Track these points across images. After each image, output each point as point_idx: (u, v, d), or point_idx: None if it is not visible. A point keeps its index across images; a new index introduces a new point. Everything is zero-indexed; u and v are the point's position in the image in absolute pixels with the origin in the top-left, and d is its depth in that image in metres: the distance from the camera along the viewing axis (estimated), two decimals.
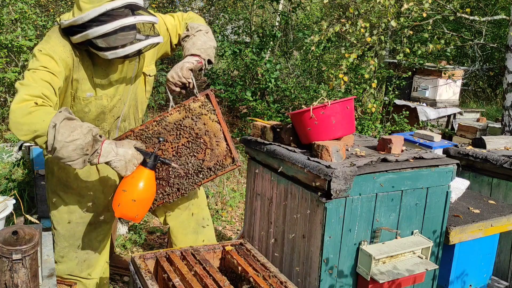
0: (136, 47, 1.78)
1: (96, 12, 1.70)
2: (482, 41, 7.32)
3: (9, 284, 1.40)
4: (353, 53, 5.22)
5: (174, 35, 2.17)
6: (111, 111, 2.01)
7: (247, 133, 6.50)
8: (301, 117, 2.06)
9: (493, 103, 10.51)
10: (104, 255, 2.24)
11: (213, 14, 9.39)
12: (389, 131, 5.98)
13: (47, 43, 1.81)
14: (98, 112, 1.97)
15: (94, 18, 1.71)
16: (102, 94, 1.95)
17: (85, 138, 1.64)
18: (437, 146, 3.69)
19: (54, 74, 1.75)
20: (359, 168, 1.87)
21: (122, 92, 2.01)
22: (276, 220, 2.20)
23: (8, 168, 4.18)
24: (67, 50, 1.82)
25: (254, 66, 6.42)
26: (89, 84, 1.91)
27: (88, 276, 2.18)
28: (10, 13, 5.82)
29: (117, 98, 2.00)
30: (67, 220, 2.10)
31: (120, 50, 1.75)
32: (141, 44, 1.79)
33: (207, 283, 1.65)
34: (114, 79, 1.96)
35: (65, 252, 2.13)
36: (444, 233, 2.20)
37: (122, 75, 1.97)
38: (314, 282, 1.94)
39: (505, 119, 5.20)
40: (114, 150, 1.73)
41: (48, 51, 1.77)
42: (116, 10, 1.72)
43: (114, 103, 2.00)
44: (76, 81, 1.88)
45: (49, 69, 1.74)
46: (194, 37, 2.07)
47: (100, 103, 1.95)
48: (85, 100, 1.92)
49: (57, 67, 1.77)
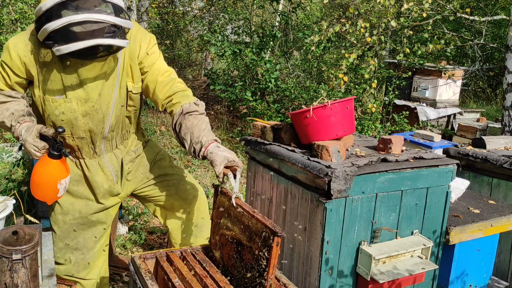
0: (83, 44, 1.60)
1: (52, 2, 1.59)
2: (482, 41, 7.32)
3: (9, 284, 1.40)
4: (353, 53, 5.22)
5: (152, 75, 2.00)
6: (84, 116, 1.92)
7: (247, 133, 6.50)
8: (301, 117, 2.06)
9: (493, 103, 10.51)
10: (102, 255, 2.23)
11: (213, 14, 9.39)
12: (389, 131, 5.98)
13: (16, 38, 1.84)
14: (69, 117, 1.91)
15: (50, 8, 1.60)
16: (72, 97, 1.87)
17: (7, 120, 1.85)
18: (437, 146, 3.69)
19: (8, 67, 1.85)
20: (359, 168, 1.87)
21: (97, 99, 1.90)
22: (276, 220, 2.20)
23: (8, 168, 4.18)
24: (27, 49, 1.81)
25: (254, 66, 6.42)
26: (58, 85, 1.85)
27: (86, 276, 2.17)
28: (10, 13, 5.82)
29: (90, 105, 1.90)
30: (62, 221, 2.11)
31: (65, 46, 1.60)
32: (89, 42, 1.60)
33: (207, 283, 1.65)
34: (86, 83, 1.86)
35: (62, 253, 2.13)
36: (444, 233, 2.20)
37: (97, 80, 1.87)
38: (314, 282, 1.94)
39: (505, 119, 5.20)
40: (22, 134, 1.81)
41: (12, 46, 1.82)
42: (74, 4, 1.59)
43: (86, 109, 1.91)
44: (43, 82, 1.84)
45: (6, 62, 1.85)
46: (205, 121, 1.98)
47: (70, 106, 1.88)
48: (54, 102, 1.87)
49: (11, 61, 1.83)
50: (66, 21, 1.58)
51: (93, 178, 2.09)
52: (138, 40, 1.96)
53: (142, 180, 2.23)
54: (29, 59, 1.81)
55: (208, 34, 6.63)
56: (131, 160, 2.18)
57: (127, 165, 2.16)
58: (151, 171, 2.24)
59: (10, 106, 1.87)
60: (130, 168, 2.18)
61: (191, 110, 1.97)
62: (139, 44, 1.97)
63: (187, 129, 1.92)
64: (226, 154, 1.83)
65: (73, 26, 1.59)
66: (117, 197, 2.18)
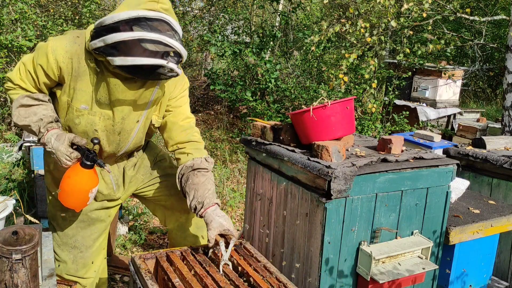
0: (148, 61, 1.63)
1: (128, 15, 1.62)
2: (482, 41, 7.32)
3: (9, 284, 1.40)
4: (353, 53, 5.22)
5: (174, 116, 2.06)
6: (102, 132, 1.93)
7: (247, 133, 6.50)
8: (301, 117, 2.06)
9: (493, 103, 10.51)
10: (100, 254, 2.23)
11: (213, 14, 9.39)
12: (389, 131, 5.98)
13: (58, 41, 1.81)
14: (87, 129, 1.91)
15: (123, 20, 1.63)
16: (97, 111, 1.87)
17: (34, 125, 1.84)
18: (437, 146, 3.69)
19: (42, 69, 1.83)
20: (359, 168, 1.87)
21: (118, 121, 1.91)
22: (276, 220, 2.20)
23: (8, 168, 4.18)
24: (67, 56, 1.78)
25: (254, 66, 6.42)
26: (87, 96, 1.84)
27: (84, 275, 2.17)
28: (10, 13, 5.82)
29: (109, 123, 1.91)
30: (61, 218, 2.11)
31: (130, 58, 1.63)
32: (154, 61, 1.63)
33: (207, 283, 1.65)
34: (115, 104, 1.86)
35: (60, 250, 2.13)
36: (444, 233, 2.20)
37: (125, 104, 1.87)
38: (314, 282, 1.94)
39: (505, 119, 5.20)
40: (51, 142, 1.80)
41: (53, 48, 1.79)
42: (149, 23, 1.63)
43: (106, 125, 1.91)
44: (73, 90, 1.84)
45: (41, 64, 1.82)
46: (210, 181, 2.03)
47: (92, 119, 1.88)
48: (78, 111, 1.87)
49: (47, 64, 1.81)
50: (140, 36, 1.61)
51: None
52: (176, 79, 1.99)
53: (143, 181, 2.23)
54: (66, 66, 1.80)
55: (208, 34, 6.63)
56: (132, 165, 2.19)
57: (129, 170, 2.17)
58: (152, 171, 2.25)
59: (38, 111, 1.85)
60: (131, 173, 2.18)
61: (201, 168, 2.02)
62: (175, 84, 2.02)
63: (193, 185, 1.98)
64: (223, 222, 1.88)
65: (144, 42, 1.62)
66: (115, 200, 2.19)
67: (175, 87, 2.03)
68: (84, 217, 2.12)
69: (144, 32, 1.62)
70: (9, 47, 5.59)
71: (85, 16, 7.20)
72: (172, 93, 2.03)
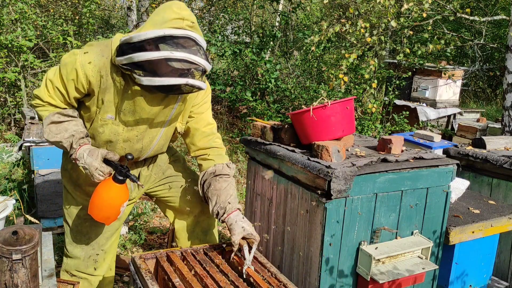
0: (175, 81, 1.65)
1: (154, 34, 1.63)
2: (482, 41, 7.32)
3: (9, 284, 1.40)
4: (353, 53, 5.22)
5: (196, 122, 2.09)
6: (125, 142, 1.95)
7: (247, 133, 6.50)
8: (301, 117, 2.06)
9: (493, 103, 10.51)
10: (111, 252, 2.25)
11: (213, 14, 9.40)
12: (389, 131, 5.98)
13: (87, 53, 1.80)
14: (110, 138, 1.94)
15: (149, 39, 1.64)
16: (121, 122, 1.90)
17: (65, 141, 1.85)
18: (437, 146, 3.69)
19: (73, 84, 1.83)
20: (359, 168, 1.87)
21: (143, 131, 1.94)
22: (276, 220, 2.20)
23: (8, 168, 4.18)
24: (95, 70, 1.79)
25: (254, 66, 6.42)
26: (113, 107, 1.86)
27: (94, 272, 2.18)
28: (10, 13, 5.83)
29: (134, 134, 1.94)
30: (76, 215, 2.12)
31: (157, 79, 1.64)
32: (180, 80, 1.65)
33: (207, 283, 1.65)
34: (140, 114, 1.88)
35: (72, 248, 2.14)
36: (444, 233, 2.20)
37: (150, 114, 1.89)
38: (314, 282, 1.94)
39: (505, 119, 5.20)
40: (83, 157, 1.83)
41: (81, 62, 1.78)
42: (174, 41, 1.64)
43: (129, 136, 1.94)
44: (102, 101, 1.86)
45: (71, 79, 1.82)
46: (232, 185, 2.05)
47: (116, 129, 1.91)
48: (103, 120, 1.89)
49: (76, 79, 1.81)
50: (166, 55, 1.62)
51: None
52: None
53: (155, 180, 2.24)
54: (96, 79, 1.80)
55: (208, 34, 6.63)
56: (147, 165, 2.20)
57: (144, 170, 2.19)
58: (164, 171, 2.25)
59: (69, 127, 1.86)
60: (146, 173, 2.20)
61: (223, 174, 2.04)
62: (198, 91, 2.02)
63: (215, 190, 2.00)
64: (246, 226, 1.91)
65: (171, 61, 1.63)
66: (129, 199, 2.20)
67: (198, 94, 2.04)
68: None
69: (170, 51, 1.63)
70: (9, 47, 5.59)
71: (85, 16, 7.21)
72: (195, 100, 2.05)
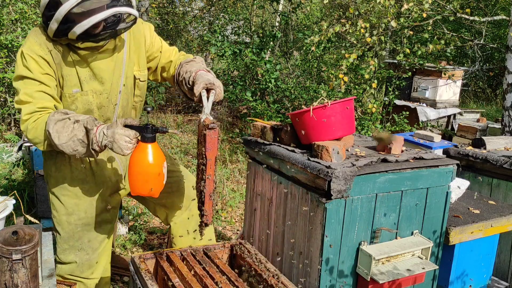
0: (104, 14, 1.67)
1: None
2: (482, 42, 7.33)
3: (9, 284, 1.40)
4: (353, 54, 5.22)
5: (165, 58, 2.12)
6: (99, 109, 1.97)
7: (247, 133, 6.50)
8: (301, 118, 2.06)
9: (493, 103, 10.52)
10: (106, 255, 2.23)
11: (213, 14, 9.40)
12: (389, 131, 5.98)
13: (25, 45, 1.83)
14: (86, 109, 1.94)
15: None
16: (88, 90, 1.90)
17: (76, 135, 1.73)
18: (437, 147, 3.68)
19: (40, 79, 1.80)
20: (359, 169, 1.87)
21: (110, 90, 1.97)
22: (276, 220, 2.20)
23: (8, 168, 4.18)
24: (43, 48, 1.81)
25: (254, 66, 6.42)
26: (75, 80, 1.87)
27: (89, 276, 2.17)
28: (10, 13, 5.82)
29: (104, 96, 1.96)
30: (66, 222, 2.10)
31: (86, 20, 1.66)
32: (108, 12, 1.68)
33: (207, 283, 1.65)
34: (100, 75, 1.91)
35: (65, 254, 2.12)
36: (444, 233, 2.20)
37: (109, 71, 1.93)
38: (314, 282, 1.94)
39: (505, 119, 5.20)
40: (105, 133, 1.73)
41: (28, 52, 1.80)
42: None
43: (101, 101, 1.96)
44: (62, 78, 1.86)
45: (34, 75, 1.79)
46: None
47: (86, 99, 1.92)
48: (71, 96, 1.89)
49: (39, 67, 1.80)
50: None
51: (101, 172, 2.09)
52: (141, 29, 2.05)
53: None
54: (48, 57, 1.82)
55: (208, 34, 6.63)
56: None
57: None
58: None
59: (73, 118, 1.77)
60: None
61: (188, 60, 2.06)
62: (143, 33, 2.06)
63: (183, 72, 1.99)
64: (210, 77, 1.88)
65: (89, 1, 1.65)
66: (119, 194, 2.19)
67: (145, 37, 2.07)
68: (90, 220, 2.12)
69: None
70: (9, 47, 5.59)
71: None
72: (146, 43, 2.07)
